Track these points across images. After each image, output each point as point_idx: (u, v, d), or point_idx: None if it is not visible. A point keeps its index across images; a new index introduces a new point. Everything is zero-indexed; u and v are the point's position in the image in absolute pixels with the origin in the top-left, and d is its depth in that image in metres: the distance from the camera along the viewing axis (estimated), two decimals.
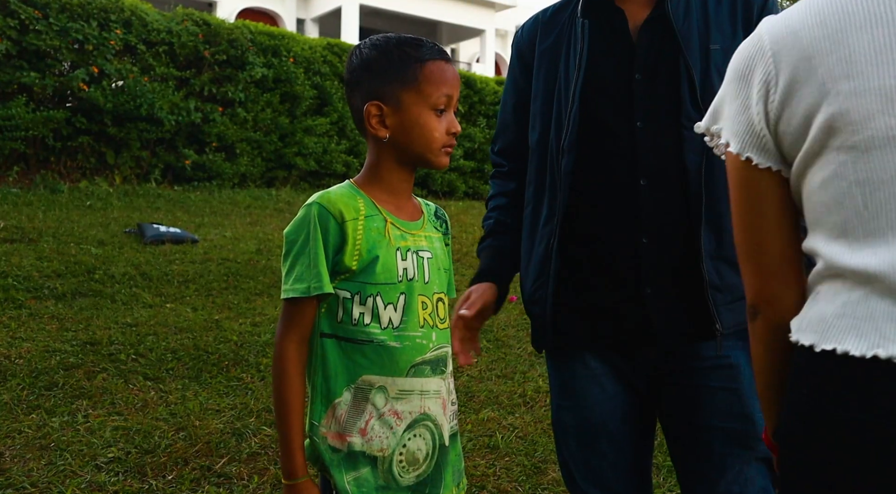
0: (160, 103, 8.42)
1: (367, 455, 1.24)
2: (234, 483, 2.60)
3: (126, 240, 6.19)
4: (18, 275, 4.84)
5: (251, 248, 6.33)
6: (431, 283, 1.33)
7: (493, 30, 22.04)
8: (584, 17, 1.51)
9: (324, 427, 1.26)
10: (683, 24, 1.44)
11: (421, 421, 1.29)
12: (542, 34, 1.60)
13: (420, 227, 1.36)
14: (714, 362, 1.45)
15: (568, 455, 1.59)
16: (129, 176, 8.60)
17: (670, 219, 1.44)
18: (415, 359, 1.28)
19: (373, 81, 1.28)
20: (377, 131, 1.28)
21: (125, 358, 3.70)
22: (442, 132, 1.29)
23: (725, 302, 1.42)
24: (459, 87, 1.33)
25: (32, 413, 3.02)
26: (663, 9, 1.45)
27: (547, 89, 1.56)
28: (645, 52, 1.46)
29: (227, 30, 9.20)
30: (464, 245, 7.30)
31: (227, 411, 3.19)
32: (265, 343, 4.13)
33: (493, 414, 3.34)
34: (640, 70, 1.46)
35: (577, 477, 1.57)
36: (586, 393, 1.53)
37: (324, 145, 10.10)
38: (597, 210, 1.48)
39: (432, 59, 1.28)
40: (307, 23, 20.61)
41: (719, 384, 1.45)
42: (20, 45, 7.58)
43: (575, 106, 1.47)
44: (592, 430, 1.54)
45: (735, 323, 1.41)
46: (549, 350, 1.60)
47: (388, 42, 1.30)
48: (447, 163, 1.33)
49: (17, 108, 7.48)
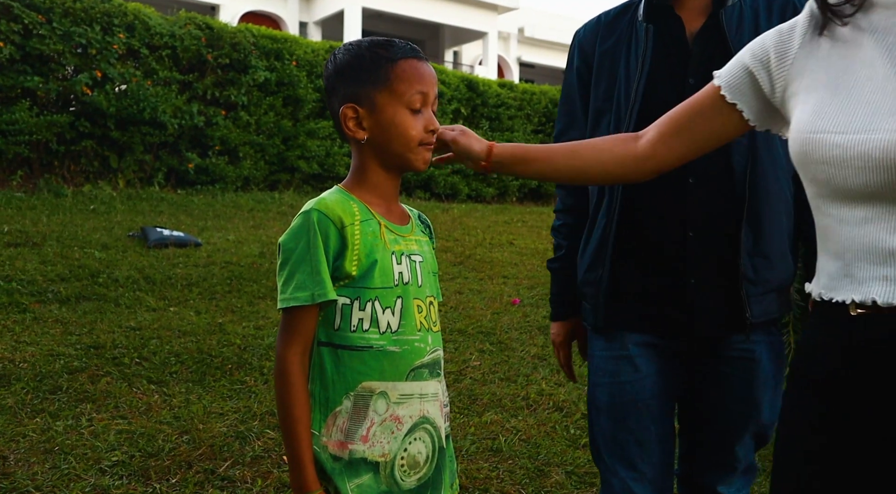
0: (163, 107, 8.44)
1: (368, 462, 1.24)
2: (237, 486, 2.61)
3: (129, 243, 6.20)
4: (22, 279, 4.85)
5: (254, 252, 6.34)
6: (424, 286, 1.34)
7: (495, 32, 22.06)
8: (646, 22, 1.60)
9: (324, 436, 1.25)
10: (735, 33, 1.53)
11: (421, 425, 1.29)
12: (602, 35, 1.69)
13: (410, 231, 1.36)
14: (740, 353, 1.58)
15: (598, 431, 1.68)
16: (132, 179, 8.62)
17: (715, 215, 1.54)
18: (414, 363, 1.28)
19: (347, 85, 1.28)
20: (355, 133, 1.28)
21: (129, 362, 3.71)
22: (419, 130, 1.29)
23: (757, 294, 1.54)
24: (436, 85, 1.33)
25: (37, 416, 3.03)
26: (717, 18, 1.55)
27: (608, 88, 1.64)
28: (698, 58, 1.56)
29: (230, 33, 9.22)
30: (466, 247, 7.31)
31: (230, 414, 3.19)
32: (268, 346, 4.14)
33: (496, 417, 3.34)
34: (693, 75, 1.55)
35: (603, 453, 1.67)
36: (620, 371, 1.64)
37: (326, 148, 10.11)
38: (649, 204, 1.58)
39: (404, 58, 1.28)
40: (310, 26, 20.65)
41: (739, 373, 1.59)
42: (24, 50, 7.60)
43: (636, 105, 1.57)
44: (623, 408, 1.63)
45: (763, 312, 1.55)
46: (597, 329, 1.69)
47: (360, 45, 1.30)
48: (428, 160, 1.33)
49: (20, 113, 7.50)
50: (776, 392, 1.62)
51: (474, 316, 5.03)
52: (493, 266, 6.66)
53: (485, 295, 5.70)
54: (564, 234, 1.80)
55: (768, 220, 1.54)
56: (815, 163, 1.04)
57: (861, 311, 1.01)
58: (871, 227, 1.00)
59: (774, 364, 1.62)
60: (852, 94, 1.02)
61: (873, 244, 0.99)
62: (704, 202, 1.54)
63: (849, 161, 0.99)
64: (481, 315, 5.08)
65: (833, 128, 1.01)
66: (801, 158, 1.07)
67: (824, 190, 1.05)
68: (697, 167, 1.52)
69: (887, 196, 0.97)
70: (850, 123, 1.00)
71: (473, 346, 4.39)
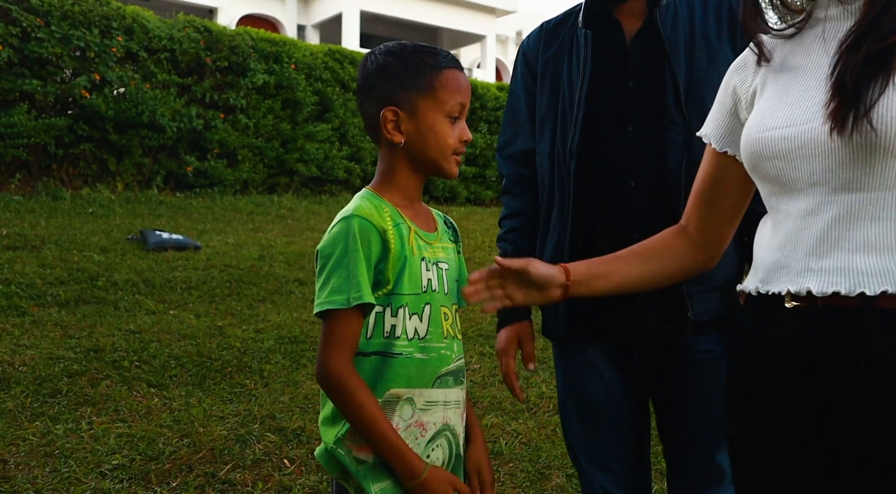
0: (162, 110, 8.43)
1: (391, 467, 1.24)
2: (238, 489, 2.60)
3: (129, 246, 6.20)
4: (21, 283, 4.84)
5: (253, 255, 6.34)
6: (450, 294, 1.35)
7: (493, 35, 22.08)
8: (585, 28, 1.61)
9: (349, 439, 1.24)
10: (671, 34, 1.54)
11: (442, 432, 1.30)
12: (545, 43, 1.71)
13: (436, 238, 1.36)
14: (700, 356, 1.56)
15: (572, 437, 1.73)
16: (130, 183, 8.61)
17: (655, 216, 1.53)
18: (440, 370, 1.29)
19: (389, 87, 1.28)
20: (393, 136, 1.28)
21: (129, 365, 3.71)
22: (455, 138, 1.30)
23: (699, 292, 1.53)
24: (471, 96, 1.35)
25: (37, 420, 3.02)
26: (653, 20, 1.55)
27: (552, 96, 1.66)
28: (637, 61, 1.57)
29: (229, 36, 9.22)
30: (466, 250, 7.31)
31: (230, 418, 3.19)
32: (268, 349, 4.13)
33: (496, 420, 3.34)
34: (632, 77, 1.57)
35: (580, 457, 1.71)
36: (587, 380, 1.66)
37: (325, 151, 10.11)
38: (597, 209, 1.59)
39: (448, 67, 1.30)
40: (308, 29, 20.65)
41: (704, 376, 1.56)
42: (22, 53, 7.59)
43: (580, 111, 1.58)
44: (592, 414, 1.67)
45: (705, 311, 1.54)
46: (557, 340, 1.71)
47: (405, 49, 1.31)
48: (457, 171, 1.34)
49: (19, 116, 7.49)
50: None
51: (474, 318, 5.03)
52: None
53: None
54: (511, 240, 1.75)
55: None
56: (765, 160, 1.08)
57: (796, 304, 1.02)
58: (811, 219, 1.02)
59: None
60: (796, 94, 1.07)
61: (812, 235, 1.02)
62: (645, 204, 1.55)
63: (795, 151, 1.03)
64: (481, 318, 5.08)
65: (779, 124, 1.06)
66: (753, 159, 1.11)
67: (775, 186, 1.09)
68: (638, 169, 1.55)
69: (829, 182, 1.01)
70: (795, 117, 1.05)
71: (473, 349, 4.39)
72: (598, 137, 1.58)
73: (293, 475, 2.72)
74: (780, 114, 1.07)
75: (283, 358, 4.04)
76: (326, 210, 9.26)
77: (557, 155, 1.63)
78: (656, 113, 1.54)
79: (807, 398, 1.01)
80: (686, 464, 1.63)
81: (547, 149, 1.66)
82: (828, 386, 0.99)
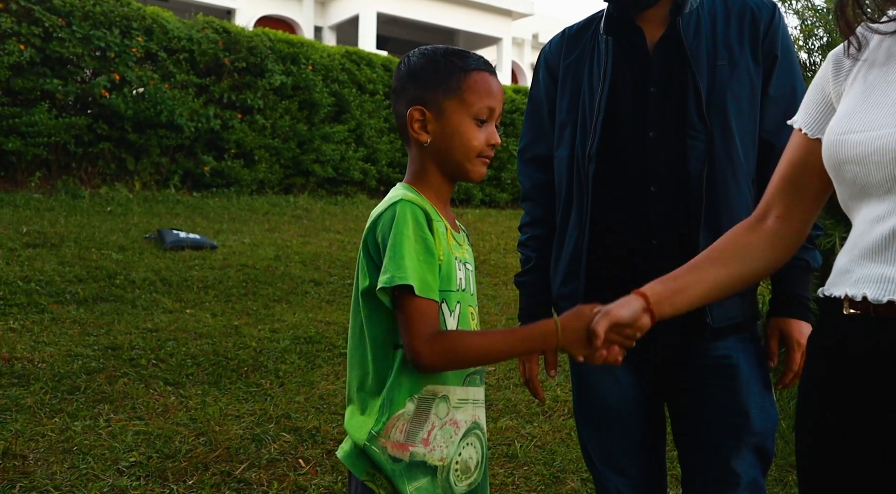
0: (180, 110, 8.49)
1: (427, 465, 1.24)
2: (253, 488, 2.61)
3: (146, 245, 6.24)
4: (41, 280, 4.89)
5: (269, 255, 6.37)
6: (475, 294, 1.36)
7: (509, 38, 22.07)
8: (607, 34, 1.62)
9: (383, 437, 1.24)
10: (693, 42, 1.55)
11: (472, 430, 1.31)
12: (566, 49, 1.72)
13: (464, 240, 1.38)
14: (716, 361, 1.56)
15: (587, 440, 1.74)
16: (148, 182, 8.68)
17: (675, 222, 1.55)
18: (469, 369, 1.30)
19: (417, 88, 1.30)
20: (419, 135, 1.29)
21: (146, 363, 3.73)
22: (481, 141, 1.30)
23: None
24: (503, 101, 1.35)
25: (55, 416, 3.05)
26: (676, 28, 1.56)
27: (573, 101, 1.67)
28: (659, 68, 1.58)
29: (247, 37, 9.27)
30: (481, 253, 7.30)
31: (246, 417, 3.20)
32: (284, 349, 4.15)
33: (511, 423, 3.34)
34: (654, 84, 1.58)
35: (595, 460, 1.72)
36: (602, 384, 1.67)
37: (341, 152, 10.15)
38: (616, 214, 1.60)
39: (477, 70, 1.30)
40: (325, 30, 20.72)
41: (720, 382, 1.57)
42: (43, 53, 7.68)
43: (601, 116, 1.58)
44: (607, 417, 1.68)
45: (724, 317, 1.53)
46: None
47: (436, 52, 1.32)
48: (483, 174, 1.34)
49: (39, 115, 7.57)
50: (764, 397, 1.58)
51: (489, 321, 5.03)
52: (508, 271, 6.66)
53: (499, 300, 5.69)
54: (533, 247, 1.77)
55: (728, 224, 1.50)
56: (842, 163, 1.06)
57: (853, 311, 1.02)
58: (879, 226, 1.01)
59: (756, 368, 1.59)
60: (880, 99, 1.05)
61: (876, 241, 1.01)
62: (665, 209, 1.55)
63: (870, 156, 1.01)
64: (496, 320, 5.08)
65: (858, 128, 1.04)
66: (832, 161, 1.09)
67: (853, 189, 1.07)
68: (658, 174, 1.55)
69: None
70: (874, 122, 1.03)
71: None
72: (618, 142, 1.59)
73: (308, 475, 2.73)
74: (861, 116, 1.05)
75: (298, 358, 4.05)
76: (342, 211, 9.29)
77: (576, 159, 1.63)
78: (677, 119, 1.55)
79: (863, 404, 1.01)
80: (701, 470, 1.62)
81: (566, 153, 1.67)
82: (880, 392, 0.98)
